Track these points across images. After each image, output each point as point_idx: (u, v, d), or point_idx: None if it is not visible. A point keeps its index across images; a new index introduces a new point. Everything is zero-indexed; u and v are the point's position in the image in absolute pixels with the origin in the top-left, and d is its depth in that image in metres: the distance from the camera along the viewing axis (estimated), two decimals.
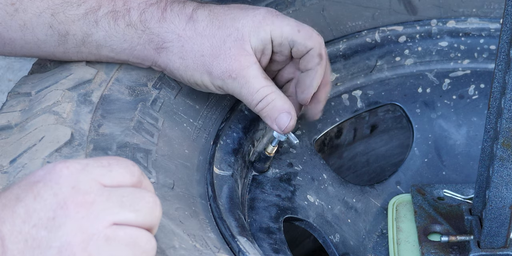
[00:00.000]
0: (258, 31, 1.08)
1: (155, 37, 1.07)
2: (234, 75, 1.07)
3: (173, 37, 1.07)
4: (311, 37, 1.11)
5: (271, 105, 1.09)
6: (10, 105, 1.08)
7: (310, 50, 1.11)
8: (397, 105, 1.36)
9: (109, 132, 1.02)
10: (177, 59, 1.08)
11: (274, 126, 1.11)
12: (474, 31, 1.36)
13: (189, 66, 1.08)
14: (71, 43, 1.08)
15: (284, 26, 1.09)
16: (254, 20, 1.08)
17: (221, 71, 1.07)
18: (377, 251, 1.25)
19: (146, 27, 1.07)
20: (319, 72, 1.13)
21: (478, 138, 1.35)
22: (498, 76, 1.01)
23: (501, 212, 1.08)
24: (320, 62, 1.12)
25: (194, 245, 0.94)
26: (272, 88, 1.09)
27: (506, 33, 0.98)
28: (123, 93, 1.09)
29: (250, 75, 1.08)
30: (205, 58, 1.07)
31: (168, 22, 1.07)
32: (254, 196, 1.16)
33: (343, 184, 1.28)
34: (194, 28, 1.07)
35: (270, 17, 1.09)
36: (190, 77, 1.09)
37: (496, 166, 1.03)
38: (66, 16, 1.06)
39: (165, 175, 1.02)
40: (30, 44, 1.08)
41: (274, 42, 1.10)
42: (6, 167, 0.97)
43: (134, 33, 1.07)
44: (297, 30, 1.10)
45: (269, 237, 1.10)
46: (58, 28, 1.06)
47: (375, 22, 1.35)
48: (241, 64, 1.07)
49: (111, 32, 1.07)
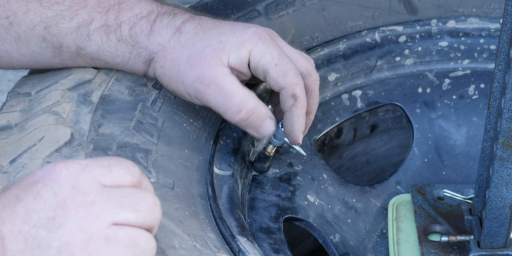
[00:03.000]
0: (239, 48, 1.04)
1: (143, 50, 1.07)
2: (207, 81, 1.03)
3: (158, 48, 1.07)
4: (286, 76, 1.06)
5: (256, 114, 1.05)
6: (10, 105, 1.08)
7: (282, 90, 1.07)
8: (397, 105, 1.36)
9: (109, 132, 1.02)
10: (158, 68, 1.07)
11: (255, 134, 1.08)
12: (474, 31, 1.36)
13: (166, 74, 1.07)
14: (66, 54, 1.08)
15: (265, 52, 1.05)
16: (239, 37, 1.05)
17: (193, 79, 1.04)
18: (377, 251, 1.25)
19: (135, 41, 1.07)
20: (295, 114, 1.08)
21: (478, 138, 1.35)
22: (498, 76, 1.01)
23: (501, 212, 1.08)
24: (295, 103, 1.07)
25: (194, 245, 0.94)
26: (252, 94, 1.05)
27: (506, 33, 0.98)
28: (123, 93, 1.09)
29: (226, 82, 1.03)
30: (180, 67, 1.05)
31: (156, 34, 1.07)
32: (254, 196, 1.16)
33: (343, 184, 1.28)
34: (178, 40, 1.06)
35: (256, 39, 1.05)
36: (168, 85, 1.08)
37: (496, 166, 1.03)
38: (59, 29, 1.06)
39: (165, 175, 1.02)
40: (26, 57, 1.09)
41: (251, 64, 1.06)
42: (6, 167, 0.97)
43: (125, 48, 1.07)
44: (274, 64, 1.05)
45: (269, 237, 1.10)
46: (51, 40, 1.07)
47: (375, 22, 1.35)
48: (215, 72, 1.03)
49: (103, 47, 1.07)
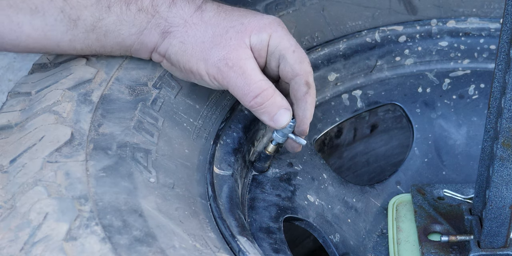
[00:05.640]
0: (261, 31, 1.08)
1: (163, 21, 1.08)
2: (231, 63, 1.06)
3: (179, 22, 1.08)
4: (302, 63, 1.10)
5: (271, 100, 1.08)
6: (10, 105, 1.08)
7: (296, 77, 1.10)
8: (397, 105, 1.36)
9: (109, 132, 1.02)
10: (177, 43, 1.08)
11: (271, 123, 1.10)
12: (474, 31, 1.36)
13: (187, 51, 1.08)
14: (80, 28, 1.08)
15: (284, 39, 1.09)
16: (260, 22, 1.08)
17: (218, 59, 1.06)
18: (377, 251, 1.25)
19: (156, 11, 1.08)
20: (309, 102, 1.11)
21: (478, 138, 1.35)
22: (498, 76, 1.01)
23: (501, 212, 1.08)
24: (309, 91, 1.11)
25: (194, 245, 0.94)
26: (270, 83, 1.08)
27: (506, 33, 0.98)
28: (123, 92, 1.09)
29: (248, 67, 1.07)
30: (204, 45, 1.07)
31: (178, 7, 1.08)
32: (254, 196, 1.16)
33: (343, 184, 1.28)
34: (201, 17, 1.08)
35: (277, 25, 1.09)
36: (186, 63, 1.08)
37: (496, 166, 1.03)
38: (79, 2, 1.06)
39: (165, 175, 1.02)
40: (37, 31, 1.07)
41: (269, 48, 1.09)
42: (6, 166, 0.97)
43: (144, 18, 1.08)
44: (292, 50, 1.09)
45: (269, 236, 1.10)
46: (69, 12, 1.06)
47: (375, 22, 1.35)
48: (239, 54, 1.06)
49: (122, 16, 1.07)
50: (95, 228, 0.89)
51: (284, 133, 1.13)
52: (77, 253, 0.86)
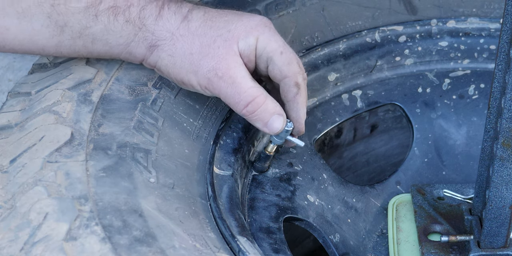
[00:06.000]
0: (248, 36, 1.07)
1: (150, 35, 1.07)
2: (221, 73, 1.06)
3: (166, 35, 1.07)
4: (290, 64, 1.09)
5: (263, 107, 1.07)
6: (10, 105, 1.08)
7: (285, 78, 1.10)
8: (397, 105, 1.36)
9: (109, 132, 1.02)
10: (166, 56, 1.07)
11: (266, 129, 1.10)
12: (474, 31, 1.36)
13: (176, 64, 1.07)
14: (67, 34, 1.07)
15: (271, 40, 1.08)
16: (247, 25, 1.08)
17: (207, 70, 1.06)
18: (377, 251, 1.25)
19: (143, 24, 1.07)
20: (300, 103, 1.11)
21: (478, 138, 1.35)
22: (498, 76, 1.01)
23: (501, 212, 1.08)
24: (299, 92, 1.11)
25: (194, 245, 0.94)
26: (261, 90, 1.07)
27: (506, 33, 0.98)
28: (123, 92, 1.09)
29: (238, 75, 1.06)
30: (193, 56, 1.06)
31: (164, 20, 1.07)
32: (254, 196, 1.16)
33: (343, 184, 1.28)
34: (187, 27, 1.07)
35: (263, 27, 1.08)
36: (177, 75, 1.08)
37: (496, 166, 1.03)
38: (67, 8, 1.06)
39: (165, 175, 1.02)
40: (24, 34, 1.07)
41: (256, 51, 1.09)
42: (6, 166, 0.97)
43: (131, 30, 1.07)
44: (280, 52, 1.09)
45: (269, 237, 1.10)
46: (56, 19, 1.06)
47: (375, 22, 1.35)
48: (228, 63, 1.06)
49: (109, 26, 1.07)
50: (95, 228, 0.89)
51: (281, 136, 1.13)
52: (77, 253, 0.86)
